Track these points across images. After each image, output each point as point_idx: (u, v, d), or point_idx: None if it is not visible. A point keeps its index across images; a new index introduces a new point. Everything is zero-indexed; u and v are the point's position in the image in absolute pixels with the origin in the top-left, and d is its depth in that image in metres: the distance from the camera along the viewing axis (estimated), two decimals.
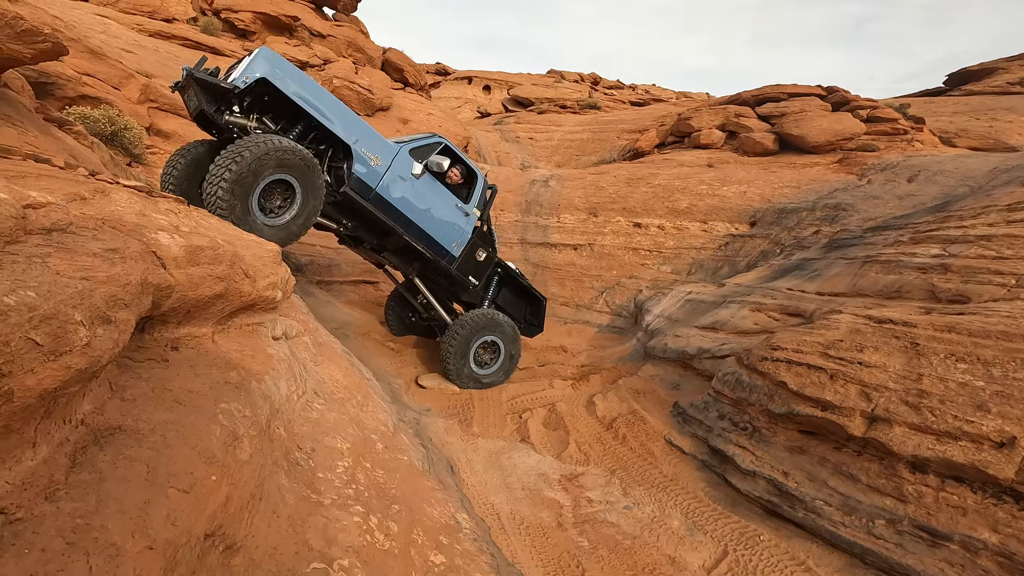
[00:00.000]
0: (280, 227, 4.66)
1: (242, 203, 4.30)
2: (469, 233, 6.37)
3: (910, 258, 5.86)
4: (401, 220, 5.76)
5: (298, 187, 4.71)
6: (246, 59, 4.95)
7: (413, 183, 5.79)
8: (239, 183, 4.23)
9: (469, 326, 6.36)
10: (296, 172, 4.65)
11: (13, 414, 0.90)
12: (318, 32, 17.79)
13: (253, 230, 4.30)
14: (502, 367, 6.75)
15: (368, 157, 5.42)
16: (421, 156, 5.90)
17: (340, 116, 5.28)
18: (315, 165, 4.77)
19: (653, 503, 4.23)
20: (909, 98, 24.85)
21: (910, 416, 3.71)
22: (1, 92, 3.68)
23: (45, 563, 0.89)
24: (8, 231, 1.26)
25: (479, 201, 6.52)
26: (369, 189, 5.48)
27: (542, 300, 7.64)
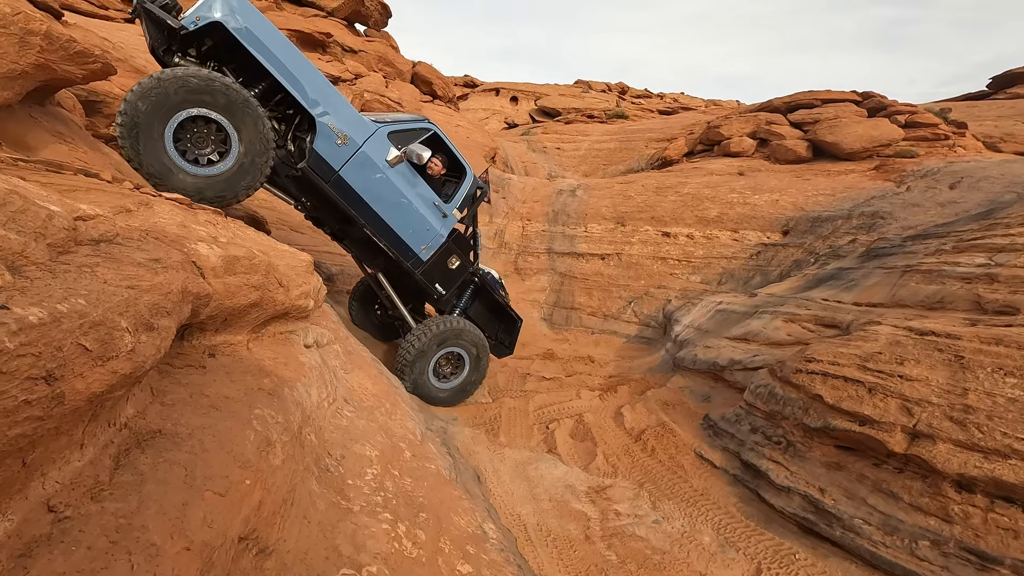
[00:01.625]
0: (212, 179, 3.91)
1: (148, 146, 3.60)
2: (443, 236, 5.66)
3: (953, 267, 5.64)
4: (364, 211, 5.08)
5: (230, 128, 3.97)
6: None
7: (385, 171, 5.07)
8: (137, 120, 3.54)
9: (432, 333, 5.67)
10: (223, 109, 3.89)
11: (64, 416, 0.94)
12: (350, 48, 18.25)
13: (171, 180, 3.68)
14: (463, 384, 6.10)
15: (335, 133, 4.72)
16: (402, 141, 5.19)
17: (309, 81, 4.56)
18: (248, 101, 4.00)
19: (683, 517, 4.14)
20: (951, 102, 24.03)
21: (955, 432, 3.56)
22: (54, 111, 3.88)
23: (91, 560, 0.93)
24: (61, 242, 1.33)
25: (464, 201, 5.83)
26: (331, 171, 4.80)
27: (517, 320, 7.00)
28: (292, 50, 4.52)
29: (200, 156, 3.91)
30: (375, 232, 5.25)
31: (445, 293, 5.90)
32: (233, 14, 4.14)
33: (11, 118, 3.11)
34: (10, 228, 1.14)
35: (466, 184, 5.86)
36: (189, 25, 4.02)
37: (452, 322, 5.86)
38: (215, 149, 3.99)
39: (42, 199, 1.43)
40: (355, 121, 4.90)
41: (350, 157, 4.85)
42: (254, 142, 4.08)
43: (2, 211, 1.19)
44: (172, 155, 3.74)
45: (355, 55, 18.42)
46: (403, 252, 5.46)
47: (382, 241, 5.32)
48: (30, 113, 3.39)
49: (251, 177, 4.11)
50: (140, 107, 3.56)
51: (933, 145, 14.27)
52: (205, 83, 3.78)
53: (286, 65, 4.43)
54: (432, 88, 20.92)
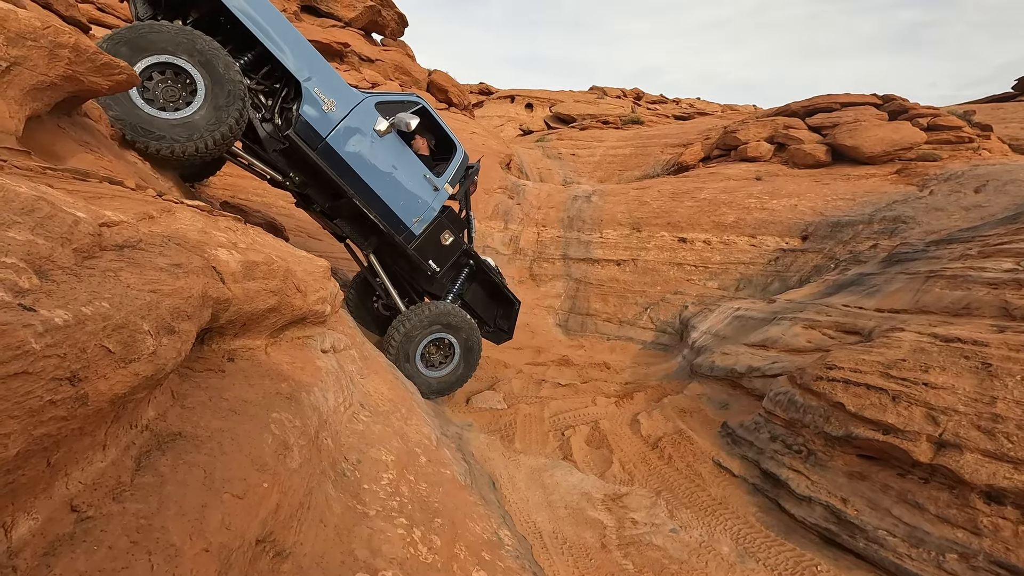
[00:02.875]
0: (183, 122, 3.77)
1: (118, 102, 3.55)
2: (435, 210, 5.52)
3: (979, 273, 5.51)
4: (352, 180, 4.96)
5: (195, 71, 3.79)
6: None
7: (374, 140, 4.95)
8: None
9: (417, 316, 5.50)
10: (184, 51, 3.73)
11: (87, 417, 0.96)
12: (367, 57, 18.50)
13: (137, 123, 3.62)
14: (455, 371, 5.89)
15: (321, 99, 4.63)
16: (390, 112, 5.06)
17: (295, 47, 4.48)
18: (209, 43, 3.82)
19: (701, 527, 4.08)
20: (974, 104, 23.56)
21: (983, 442, 3.46)
22: (81, 121, 3.98)
23: (112, 560, 0.94)
24: (86, 247, 1.36)
25: (455, 176, 5.68)
26: (318, 137, 4.69)
27: (515, 302, 6.77)
28: (280, 18, 4.45)
29: (168, 104, 3.77)
30: (364, 203, 5.11)
31: (439, 270, 5.74)
32: None
33: (40, 128, 3.20)
34: (38, 233, 1.17)
35: (457, 159, 5.73)
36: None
37: (441, 306, 5.69)
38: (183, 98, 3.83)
39: (69, 206, 1.47)
40: (343, 90, 4.81)
41: (337, 123, 4.75)
42: (222, 84, 3.89)
43: (31, 217, 1.22)
44: (136, 98, 3.64)
45: (372, 64, 18.66)
46: (394, 225, 5.32)
47: (372, 212, 5.17)
48: (58, 123, 3.48)
49: (208, 123, 3.87)
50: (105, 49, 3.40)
51: (957, 148, 14.00)
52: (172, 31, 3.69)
53: (270, 31, 4.36)
54: (448, 96, 21.09)
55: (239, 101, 3.97)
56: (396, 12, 20.47)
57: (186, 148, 3.81)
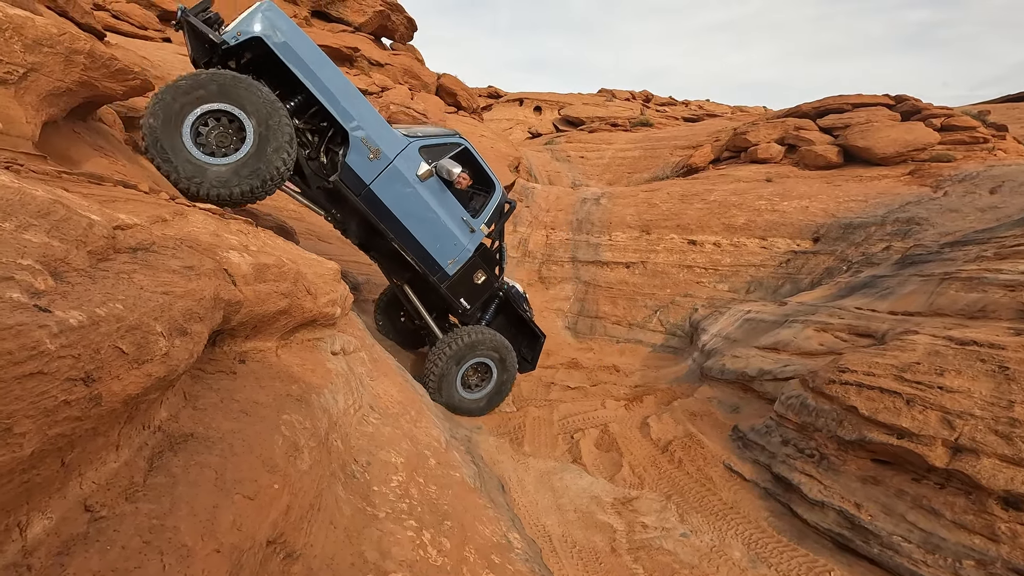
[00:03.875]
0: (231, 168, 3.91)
1: (168, 138, 3.69)
2: (470, 251, 5.63)
3: (995, 275, 5.42)
4: (393, 224, 5.10)
5: (245, 120, 3.96)
6: (247, 10, 4.36)
7: (415, 185, 5.08)
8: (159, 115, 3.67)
9: (462, 343, 5.67)
10: (235, 102, 3.91)
11: (101, 417, 0.97)
12: (376, 61, 18.62)
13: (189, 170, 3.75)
14: (489, 394, 6.06)
15: (367, 148, 4.77)
16: (433, 155, 5.21)
17: (343, 95, 4.65)
18: (260, 92, 3.98)
19: (712, 531, 4.04)
20: (989, 104, 23.26)
21: (1001, 447, 3.40)
22: (96, 126, 4.05)
23: (125, 560, 0.95)
24: (100, 249, 1.37)
25: (491, 216, 5.82)
26: (361, 184, 4.83)
27: (540, 336, 6.96)
28: (329, 65, 4.60)
29: (217, 148, 3.93)
30: (402, 246, 5.26)
31: (470, 308, 5.87)
32: (274, 29, 4.25)
33: (56, 133, 3.25)
34: (53, 236, 1.18)
35: (494, 199, 5.85)
36: (230, 40, 4.13)
37: (482, 332, 5.84)
38: (233, 145, 4.00)
39: (84, 209, 1.49)
40: (387, 135, 4.93)
41: (381, 171, 4.89)
42: (272, 133, 4.04)
43: (46, 220, 1.24)
44: (186, 143, 3.79)
45: (382, 68, 18.78)
46: (429, 266, 5.45)
47: (409, 255, 5.33)
48: (73, 128, 3.54)
49: (254, 168, 4.02)
50: (166, 97, 3.71)
51: (971, 149, 13.81)
52: (231, 81, 3.89)
53: (322, 80, 4.52)
54: (456, 99, 21.17)
55: (287, 147, 4.11)
56: (405, 16, 20.59)
57: (232, 192, 3.94)
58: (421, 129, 5.50)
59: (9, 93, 2.54)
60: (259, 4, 4.32)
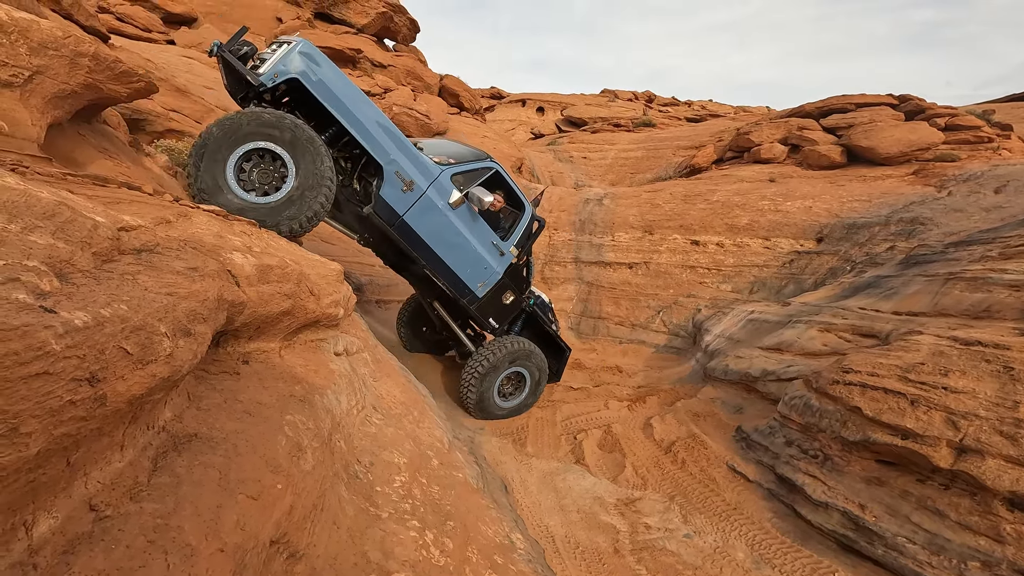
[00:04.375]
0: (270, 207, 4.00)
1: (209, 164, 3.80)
2: (500, 274, 5.71)
3: (1000, 275, 5.40)
4: (425, 252, 5.19)
5: (287, 159, 4.07)
6: (283, 48, 4.43)
7: (447, 213, 5.16)
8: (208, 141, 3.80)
9: (499, 355, 5.80)
10: (280, 141, 4.03)
11: (105, 417, 0.98)
12: (379, 63, 18.66)
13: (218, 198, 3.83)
14: (524, 401, 6.25)
15: (400, 181, 4.84)
16: (465, 182, 5.31)
17: (376, 129, 4.73)
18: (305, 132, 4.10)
19: (715, 532, 4.03)
20: (994, 104, 23.16)
21: (1006, 448, 3.39)
22: (100, 128, 4.07)
23: (130, 559, 0.95)
24: (105, 251, 1.38)
25: (521, 237, 5.88)
26: (395, 216, 4.91)
27: (566, 350, 7.11)
28: (362, 99, 4.70)
29: (258, 187, 4.06)
30: (434, 272, 5.35)
31: (498, 327, 5.99)
32: (310, 69, 4.35)
33: (61, 135, 3.27)
34: (59, 237, 1.19)
35: (524, 220, 5.91)
36: (267, 81, 4.21)
37: (515, 343, 5.96)
38: (274, 183, 4.13)
39: (88, 210, 1.50)
40: (420, 166, 5.00)
41: (414, 203, 4.96)
42: (312, 171, 4.15)
43: (52, 222, 1.24)
44: (229, 180, 3.91)
45: (384, 70, 18.82)
46: (460, 290, 5.55)
47: (440, 280, 5.42)
48: (78, 131, 3.56)
49: (296, 209, 4.12)
50: (214, 131, 3.85)
51: (976, 148, 13.76)
52: (276, 119, 3.99)
53: (356, 115, 4.61)
54: (459, 100, 21.20)
55: (327, 187, 4.20)
56: (408, 18, 20.63)
57: (279, 230, 4.02)
58: (454, 151, 5.58)
59: (15, 96, 2.56)
60: (295, 43, 4.39)
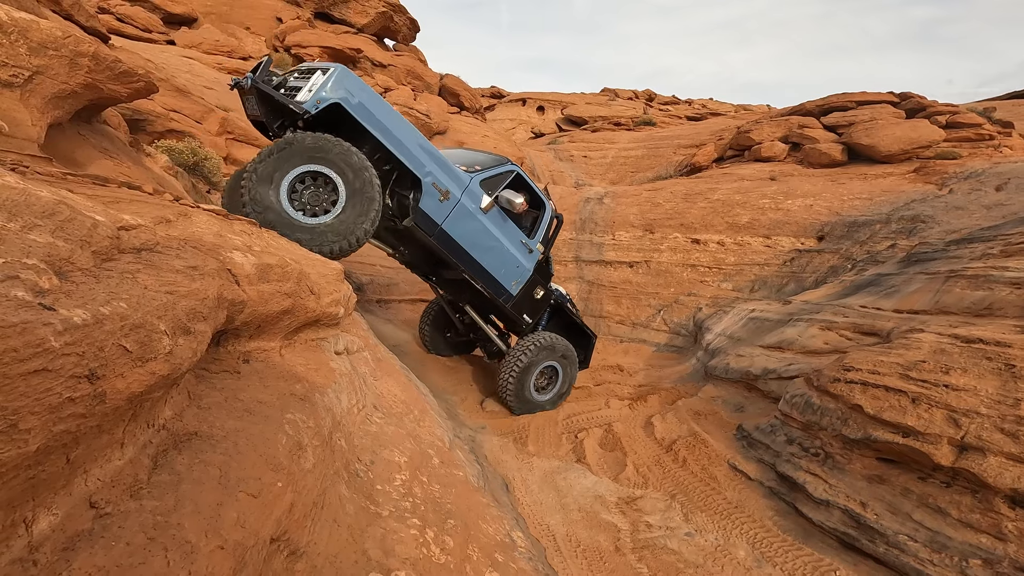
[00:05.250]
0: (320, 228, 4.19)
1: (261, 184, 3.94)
2: (530, 271, 5.98)
3: (1001, 272, 5.39)
4: (464, 258, 5.41)
5: (339, 182, 4.26)
6: (317, 75, 4.56)
7: (480, 218, 5.39)
8: (259, 175, 3.94)
9: (533, 351, 6.06)
10: (332, 165, 4.21)
11: (105, 415, 0.98)
12: (379, 62, 18.66)
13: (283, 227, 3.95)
14: (558, 392, 6.57)
15: (438, 191, 5.03)
16: (491, 187, 5.51)
17: (414, 145, 4.92)
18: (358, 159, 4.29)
19: (717, 531, 4.03)
20: (995, 101, 23.12)
21: (1007, 445, 3.38)
22: (101, 128, 4.07)
23: (130, 556, 0.96)
24: (105, 250, 1.38)
25: (544, 235, 6.14)
26: (435, 225, 5.11)
27: (592, 336, 7.32)
28: (397, 118, 4.86)
29: (308, 208, 4.23)
30: (472, 276, 5.58)
31: (532, 322, 6.27)
32: (349, 93, 4.50)
33: (61, 136, 3.27)
34: (58, 236, 1.19)
35: (546, 217, 6.16)
36: (311, 108, 4.30)
37: (547, 339, 6.23)
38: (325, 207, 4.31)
39: (88, 210, 1.50)
40: (453, 175, 5.19)
41: (451, 211, 5.16)
42: (361, 191, 4.36)
43: (51, 220, 1.25)
44: (283, 201, 4.06)
45: (384, 69, 18.82)
46: (496, 290, 5.79)
47: (478, 283, 5.65)
48: (78, 131, 3.57)
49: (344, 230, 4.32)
50: (272, 152, 4.02)
51: (977, 146, 13.74)
52: (332, 145, 4.20)
53: (394, 134, 4.77)
54: (459, 100, 21.19)
55: (376, 202, 4.44)
56: (408, 17, 20.63)
57: (332, 250, 4.22)
58: (477, 158, 5.81)
59: (15, 96, 2.56)
60: (332, 70, 4.50)
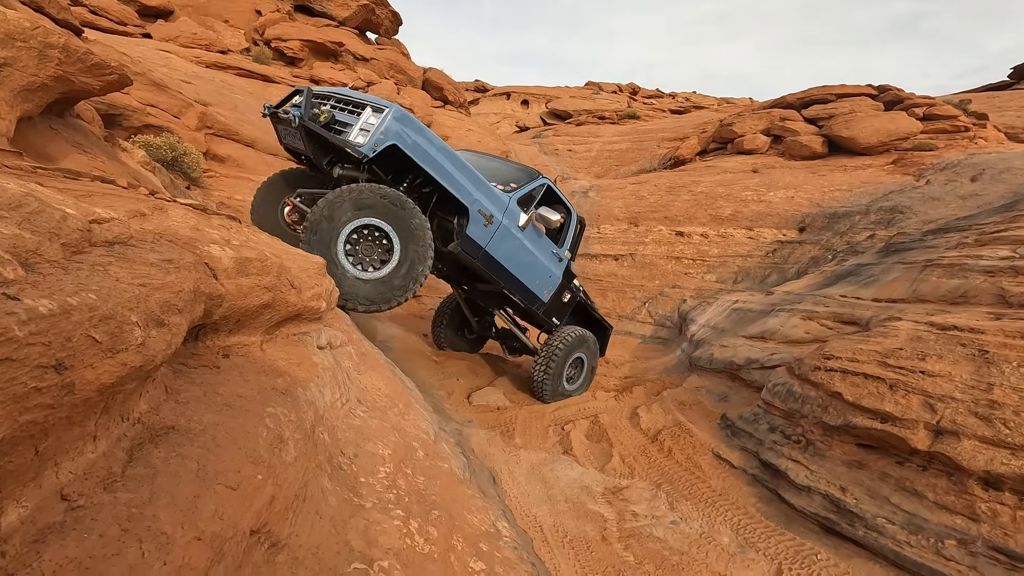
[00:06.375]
0: (374, 282, 4.31)
1: (319, 238, 4.06)
2: (560, 278, 6.26)
3: (976, 261, 5.51)
4: (503, 274, 5.60)
5: (394, 236, 4.37)
6: (368, 113, 4.50)
7: (519, 236, 5.57)
8: (315, 231, 4.05)
9: (565, 347, 6.36)
10: (392, 221, 4.31)
11: (75, 406, 0.96)
12: (361, 56, 18.47)
13: (342, 284, 4.07)
14: (584, 380, 6.91)
15: (483, 217, 5.17)
16: (526, 203, 5.67)
17: (460, 174, 5.00)
18: (414, 212, 4.39)
19: (701, 518, 4.09)
20: (970, 94, 23.55)
21: (981, 429, 3.47)
22: (74, 122, 3.99)
23: (103, 547, 0.95)
24: (75, 242, 1.36)
25: (571, 242, 6.43)
26: (479, 248, 5.26)
27: (608, 328, 7.65)
28: (445, 149, 4.94)
29: (364, 261, 4.38)
30: (510, 290, 5.81)
31: (560, 324, 6.58)
32: (405, 133, 4.56)
33: (32, 130, 3.20)
34: (24, 228, 1.17)
35: (572, 224, 6.39)
36: (369, 153, 4.34)
37: (581, 333, 6.61)
38: (379, 258, 4.46)
39: (57, 202, 1.47)
40: (494, 199, 5.32)
41: (494, 234, 5.33)
42: (413, 240, 4.47)
43: (18, 212, 1.22)
44: (339, 257, 4.19)
45: (367, 63, 18.63)
46: (530, 300, 6.05)
47: (516, 296, 5.91)
48: (50, 125, 3.49)
49: (398, 284, 4.45)
50: (332, 202, 4.11)
51: (953, 137, 14.01)
52: (373, 195, 4.26)
53: (445, 168, 4.84)
54: (443, 94, 21.07)
55: (429, 258, 4.59)
56: (390, 11, 20.42)
57: (391, 303, 4.42)
58: (506, 171, 6.04)
59: None
60: (387, 112, 4.50)
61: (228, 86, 12.67)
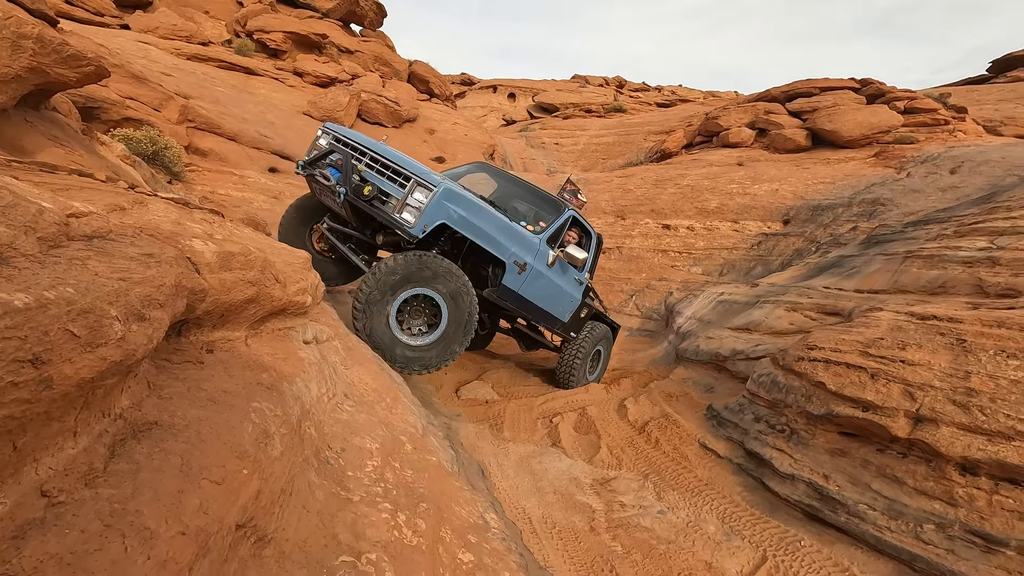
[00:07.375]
0: (423, 348, 4.54)
1: (371, 312, 4.28)
2: (580, 299, 6.48)
3: (955, 252, 5.62)
4: (530, 308, 5.80)
5: (444, 306, 4.57)
6: (414, 188, 4.47)
7: (547, 274, 5.75)
8: (369, 300, 4.26)
9: (590, 341, 6.75)
10: (441, 291, 4.51)
11: (53, 401, 0.95)
12: (346, 48, 18.25)
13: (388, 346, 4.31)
14: (602, 369, 7.41)
15: (517, 267, 5.34)
16: (553, 239, 5.84)
17: (499, 234, 5.12)
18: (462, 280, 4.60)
19: (688, 508, 4.14)
20: (950, 87, 23.92)
21: (958, 416, 3.55)
22: (50, 115, 3.90)
23: (84, 542, 0.94)
24: (52, 236, 1.33)
25: (591, 264, 6.65)
26: (512, 293, 5.48)
27: (615, 327, 7.88)
28: (486, 213, 5.06)
29: (412, 326, 4.62)
30: (536, 320, 6.09)
31: (576, 336, 6.81)
32: (453, 210, 4.66)
33: (7, 123, 3.13)
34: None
35: (592, 247, 6.65)
36: (419, 234, 4.45)
37: (603, 329, 7.07)
38: (426, 321, 4.69)
39: (33, 196, 1.44)
40: (526, 244, 5.47)
41: (526, 278, 5.53)
42: (459, 317, 4.68)
43: None
44: (392, 323, 4.41)
45: (351, 55, 18.43)
46: (552, 324, 6.31)
47: (541, 324, 6.20)
48: (25, 118, 3.41)
49: (444, 347, 4.67)
50: (384, 272, 4.32)
51: (933, 131, 14.22)
52: (437, 266, 4.48)
53: (485, 230, 4.95)
54: (429, 87, 20.92)
55: (473, 323, 4.78)
56: (374, 2, 20.20)
57: (440, 365, 4.68)
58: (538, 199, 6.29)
59: None
60: (436, 190, 4.49)
61: (210, 78, 12.46)
